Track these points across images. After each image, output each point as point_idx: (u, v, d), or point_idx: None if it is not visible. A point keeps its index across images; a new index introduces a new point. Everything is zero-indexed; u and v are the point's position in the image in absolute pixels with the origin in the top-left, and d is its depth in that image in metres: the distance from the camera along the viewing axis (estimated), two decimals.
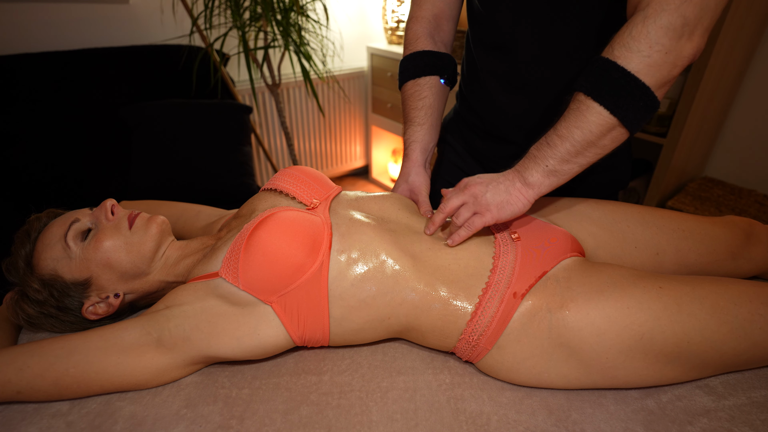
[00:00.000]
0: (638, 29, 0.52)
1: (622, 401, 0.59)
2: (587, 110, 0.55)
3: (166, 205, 0.87)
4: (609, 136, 0.56)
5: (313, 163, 2.62)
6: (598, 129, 0.55)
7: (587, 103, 0.55)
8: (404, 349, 0.68)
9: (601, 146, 0.57)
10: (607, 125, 0.55)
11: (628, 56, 0.52)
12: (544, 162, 0.59)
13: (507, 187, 0.62)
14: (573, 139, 0.57)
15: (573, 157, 0.58)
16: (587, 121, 0.55)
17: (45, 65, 1.50)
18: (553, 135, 0.58)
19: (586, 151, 0.57)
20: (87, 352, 0.57)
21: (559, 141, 0.58)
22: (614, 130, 0.56)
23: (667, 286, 0.58)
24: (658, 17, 0.50)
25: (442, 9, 0.82)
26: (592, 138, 0.56)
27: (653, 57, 0.52)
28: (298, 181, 0.70)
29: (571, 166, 0.59)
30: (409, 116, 0.82)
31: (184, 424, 0.56)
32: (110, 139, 1.59)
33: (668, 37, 0.51)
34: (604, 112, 0.54)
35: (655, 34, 0.51)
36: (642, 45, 0.51)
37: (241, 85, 2.10)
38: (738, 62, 1.46)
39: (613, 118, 0.54)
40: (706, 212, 1.51)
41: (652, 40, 0.51)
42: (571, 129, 0.56)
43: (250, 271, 0.58)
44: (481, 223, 0.63)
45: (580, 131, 0.56)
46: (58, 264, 0.64)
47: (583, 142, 0.56)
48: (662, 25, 0.50)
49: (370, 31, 2.56)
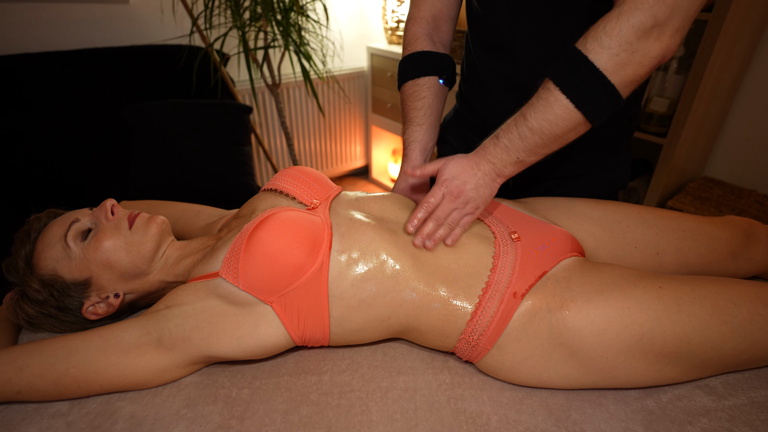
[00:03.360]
0: (612, 25, 0.52)
1: (622, 401, 0.59)
2: (555, 102, 0.56)
3: (166, 205, 0.87)
4: (575, 131, 0.58)
5: (313, 163, 2.62)
6: (564, 123, 0.57)
7: (555, 94, 0.56)
8: (404, 349, 0.68)
9: (565, 139, 0.59)
10: (573, 120, 0.57)
11: (598, 51, 0.53)
12: (516, 155, 0.61)
13: (487, 183, 0.64)
14: (542, 133, 0.58)
15: (540, 149, 0.60)
16: (555, 114, 0.57)
17: (45, 65, 1.50)
18: (524, 127, 0.59)
19: (552, 144, 0.60)
20: (87, 352, 0.57)
21: (530, 134, 0.59)
22: (579, 126, 0.58)
23: (667, 286, 0.58)
24: (631, 15, 0.51)
25: (440, 10, 0.82)
26: (559, 132, 0.58)
27: (621, 56, 0.52)
28: (298, 181, 0.70)
29: (536, 158, 0.62)
30: (408, 116, 0.82)
31: (184, 424, 0.56)
32: (110, 139, 1.59)
33: (637, 36, 0.51)
34: (570, 106, 0.56)
35: (626, 32, 0.51)
36: (613, 42, 0.52)
37: (241, 85, 2.10)
38: (738, 62, 1.46)
39: (578, 113, 0.56)
40: (706, 212, 1.51)
41: (622, 39, 0.51)
42: (540, 122, 0.58)
43: (250, 271, 0.58)
44: (472, 220, 0.66)
45: (548, 125, 0.57)
46: (58, 264, 0.64)
47: (551, 135, 0.58)
48: (633, 24, 0.51)
49: (370, 31, 2.56)
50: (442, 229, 0.65)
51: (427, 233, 0.64)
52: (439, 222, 0.65)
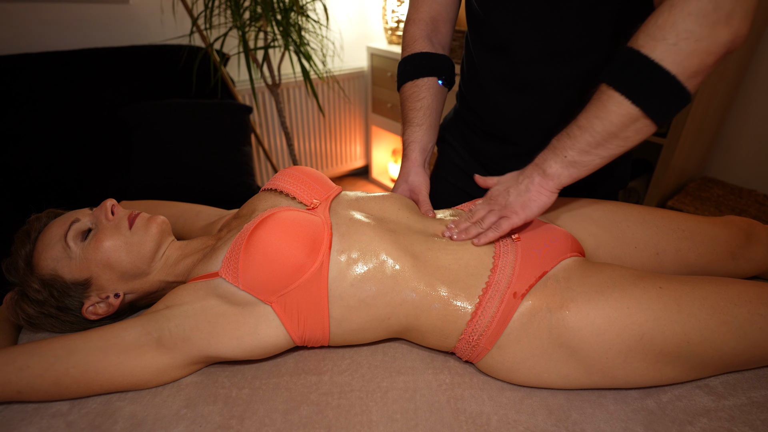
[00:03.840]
0: (664, 18, 0.49)
1: (622, 401, 0.59)
2: (608, 100, 0.54)
3: (166, 205, 0.87)
4: (632, 127, 0.54)
5: (313, 163, 2.62)
6: (619, 119, 0.54)
7: (608, 93, 0.54)
8: (404, 349, 0.68)
9: (624, 138, 0.55)
10: (629, 116, 0.53)
11: (652, 45, 0.50)
12: (563, 153, 0.59)
13: (527, 185, 0.62)
14: (593, 130, 0.55)
15: (593, 149, 0.57)
16: (608, 111, 0.54)
17: (45, 65, 1.50)
18: (574, 126, 0.58)
19: (607, 142, 0.56)
20: (87, 352, 0.56)
21: (579, 132, 0.57)
22: (638, 122, 0.54)
23: (667, 286, 0.58)
24: (686, 4, 0.48)
25: (438, 11, 0.82)
26: (614, 129, 0.54)
27: (680, 45, 0.49)
28: (298, 181, 0.70)
29: (591, 158, 0.58)
30: (408, 117, 0.82)
31: (184, 424, 0.56)
32: (110, 139, 1.59)
33: (698, 23, 0.47)
34: (625, 102, 0.53)
35: (682, 21, 0.48)
36: (668, 33, 0.49)
37: (241, 85, 2.10)
38: (738, 62, 1.46)
39: (636, 108, 0.53)
40: (706, 212, 1.51)
41: (679, 28, 0.48)
42: (591, 120, 0.55)
43: (250, 271, 0.58)
44: (509, 225, 0.63)
45: (600, 122, 0.55)
46: (58, 264, 0.64)
47: (604, 133, 0.55)
48: (691, 11, 0.47)
49: (370, 31, 2.56)
50: (473, 228, 0.64)
51: (461, 228, 0.65)
52: (472, 221, 0.65)
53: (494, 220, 0.64)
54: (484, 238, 0.63)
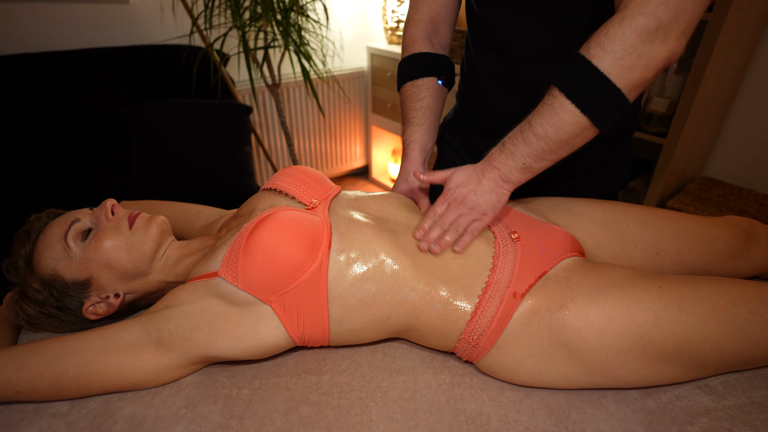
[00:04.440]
0: (614, 30, 0.52)
1: (622, 401, 0.59)
2: (560, 108, 0.56)
3: (166, 205, 0.87)
4: (581, 135, 0.58)
5: (313, 163, 2.62)
6: (571, 129, 0.57)
7: (560, 99, 0.56)
8: (404, 349, 0.68)
9: (572, 144, 0.59)
10: (580, 125, 0.56)
11: (602, 56, 0.53)
12: (522, 160, 0.61)
13: (492, 188, 0.64)
14: (548, 138, 0.58)
15: (547, 155, 0.60)
16: (561, 120, 0.56)
17: (45, 65, 1.50)
18: (529, 132, 0.59)
19: (559, 149, 0.59)
20: (87, 352, 0.56)
21: (534, 139, 0.59)
22: (586, 130, 0.57)
23: (667, 286, 0.58)
24: (634, 19, 0.51)
25: (438, 12, 0.82)
26: (566, 137, 0.57)
27: (625, 59, 0.52)
28: (297, 180, 0.70)
29: (544, 163, 0.61)
30: (408, 117, 0.82)
31: (184, 424, 0.56)
32: (110, 139, 1.59)
33: (641, 39, 0.51)
34: (575, 111, 0.55)
35: (629, 36, 0.51)
36: (616, 46, 0.52)
37: (241, 85, 2.10)
38: (738, 62, 1.46)
39: (584, 117, 0.56)
40: (706, 212, 1.51)
41: (626, 43, 0.51)
42: (546, 127, 0.58)
43: (249, 271, 0.58)
44: (481, 226, 0.65)
45: (554, 130, 0.57)
46: (58, 264, 0.64)
47: (558, 141, 0.58)
48: (636, 27, 0.51)
49: (370, 31, 2.56)
50: (449, 235, 0.64)
51: (434, 238, 0.64)
52: (444, 227, 0.65)
53: (467, 224, 0.65)
54: (463, 244, 0.64)
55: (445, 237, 0.64)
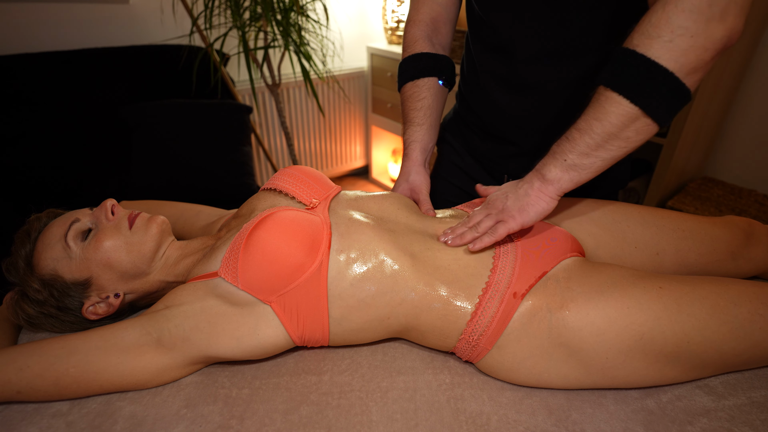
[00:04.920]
0: (658, 16, 0.49)
1: (622, 401, 0.59)
2: (606, 101, 0.54)
3: (166, 205, 0.87)
4: (632, 127, 0.54)
5: (313, 163, 2.62)
6: (617, 120, 0.53)
7: (606, 94, 0.54)
8: (404, 349, 0.68)
9: (624, 138, 0.54)
10: (628, 115, 0.53)
11: (647, 43, 0.50)
12: (563, 156, 0.58)
13: (526, 190, 0.61)
14: (593, 132, 0.55)
15: (593, 151, 0.56)
16: (606, 112, 0.53)
17: (45, 65, 1.50)
18: (573, 129, 0.57)
19: (607, 144, 0.55)
20: (87, 352, 0.56)
21: (578, 135, 0.56)
22: (638, 121, 0.53)
23: (667, 286, 0.58)
24: (680, 1, 0.48)
25: (438, 13, 0.82)
26: (613, 130, 0.54)
27: (676, 42, 0.49)
28: (297, 180, 0.70)
29: (592, 160, 0.57)
30: (409, 117, 0.82)
31: (184, 424, 0.56)
32: (110, 139, 1.59)
33: (692, 20, 0.47)
34: (623, 102, 0.52)
35: (676, 18, 0.48)
36: (663, 31, 0.49)
37: (241, 85, 2.10)
38: (738, 62, 1.46)
39: (635, 108, 0.52)
40: (706, 212, 1.51)
41: (674, 25, 0.48)
42: (590, 121, 0.55)
43: (249, 271, 0.58)
44: (505, 229, 0.62)
45: (599, 123, 0.54)
46: (58, 264, 0.64)
47: (604, 134, 0.54)
48: (684, 8, 0.47)
49: (370, 31, 2.56)
50: (469, 234, 0.63)
51: (456, 234, 0.64)
52: (468, 225, 0.64)
53: (491, 225, 0.63)
54: (480, 243, 0.62)
55: (466, 234, 0.63)
